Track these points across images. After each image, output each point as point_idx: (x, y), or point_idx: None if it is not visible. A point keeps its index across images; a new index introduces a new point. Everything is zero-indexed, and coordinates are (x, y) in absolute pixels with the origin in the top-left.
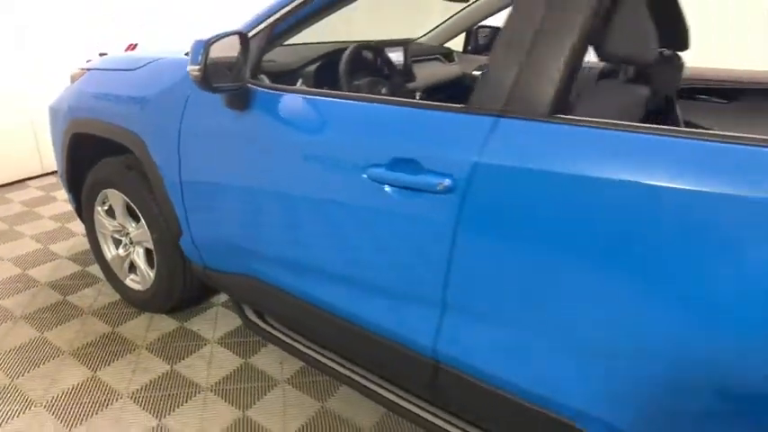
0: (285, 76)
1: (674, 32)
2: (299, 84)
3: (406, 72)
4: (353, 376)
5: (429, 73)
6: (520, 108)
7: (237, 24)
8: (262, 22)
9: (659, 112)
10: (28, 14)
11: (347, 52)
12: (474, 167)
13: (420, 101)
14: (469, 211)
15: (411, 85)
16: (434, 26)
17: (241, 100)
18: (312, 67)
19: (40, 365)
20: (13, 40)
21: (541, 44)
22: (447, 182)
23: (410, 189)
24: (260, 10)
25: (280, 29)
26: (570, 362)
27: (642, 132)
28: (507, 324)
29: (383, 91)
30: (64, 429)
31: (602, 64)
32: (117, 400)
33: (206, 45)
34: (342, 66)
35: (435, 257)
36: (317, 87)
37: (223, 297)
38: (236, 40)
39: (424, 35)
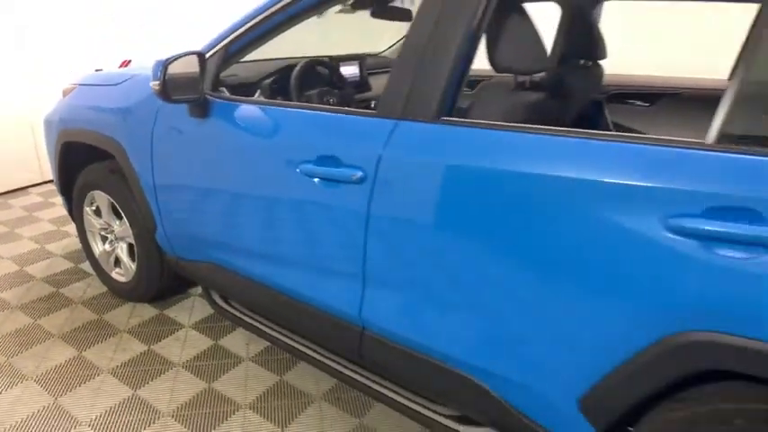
0: (244, 89)
1: (591, 46)
2: (257, 95)
3: (363, 83)
4: (306, 351)
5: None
6: (414, 113)
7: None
8: (217, 44)
9: (589, 116)
10: (28, 15)
11: (297, 67)
12: (379, 161)
13: (341, 107)
14: (377, 198)
15: (366, 95)
16: (396, 41)
17: (201, 109)
18: (268, 81)
19: (33, 347)
20: (13, 42)
21: (429, 61)
22: (359, 174)
23: (332, 180)
24: (216, 34)
25: (234, 49)
26: (463, 323)
27: (508, 130)
28: (414, 292)
29: (332, 101)
30: (51, 398)
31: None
32: (98, 375)
33: (164, 64)
34: (292, 79)
35: (354, 238)
36: (272, 98)
37: (200, 288)
38: (195, 59)
39: (386, 49)
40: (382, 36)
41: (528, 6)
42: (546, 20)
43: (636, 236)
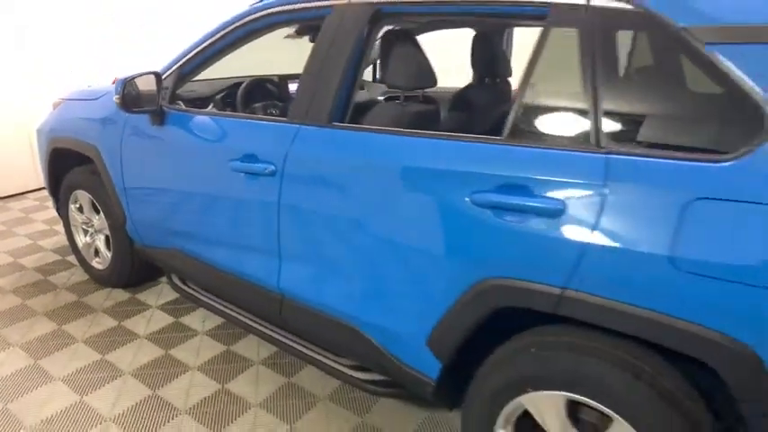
0: (200, 102)
1: (496, 66)
2: (210, 107)
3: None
4: (250, 323)
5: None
6: (312, 119)
7: None
8: (173, 66)
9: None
10: (28, 15)
11: (243, 85)
12: (285, 157)
13: (264, 116)
14: (284, 187)
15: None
16: None
17: (159, 119)
18: (219, 95)
19: (20, 322)
20: (13, 43)
21: (323, 79)
22: (271, 167)
23: (252, 174)
24: (172, 57)
25: (187, 70)
26: (348, 284)
27: (376, 132)
28: (313, 263)
29: (275, 113)
30: (32, 360)
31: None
32: (74, 343)
33: (124, 81)
34: (239, 94)
35: (270, 221)
36: (222, 110)
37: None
38: (152, 77)
39: None
40: None
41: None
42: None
43: (453, 209)
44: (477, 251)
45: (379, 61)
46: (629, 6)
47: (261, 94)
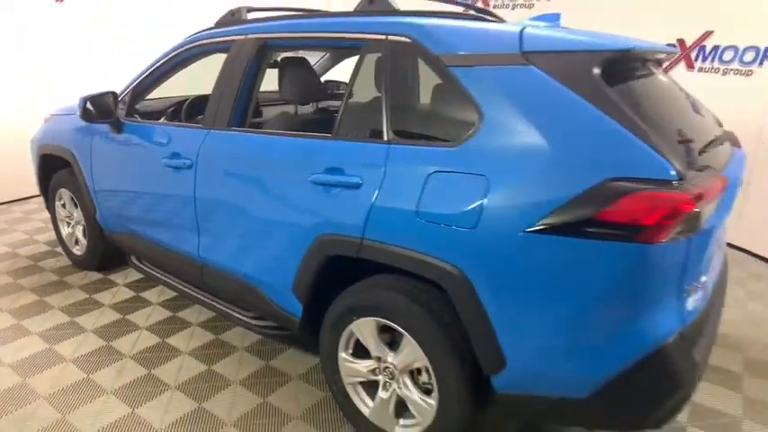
0: (155, 115)
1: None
2: (162, 119)
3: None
4: (188, 291)
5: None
6: (217, 124)
7: None
8: (129, 85)
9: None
10: (28, 15)
11: (188, 101)
12: (198, 154)
13: (187, 123)
14: (198, 176)
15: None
16: None
17: (116, 128)
18: (170, 109)
19: (10, 294)
20: (14, 44)
21: (226, 92)
22: (189, 162)
23: (176, 168)
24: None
25: (140, 89)
26: (240, 248)
27: (244, 132)
28: (218, 234)
29: None
30: (15, 321)
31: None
32: (50, 310)
33: (83, 99)
34: (183, 108)
35: (189, 204)
36: (169, 122)
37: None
38: (110, 95)
39: None
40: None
41: None
42: None
43: (299, 187)
44: (314, 217)
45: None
46: (407, 39)
47: (201, 108)
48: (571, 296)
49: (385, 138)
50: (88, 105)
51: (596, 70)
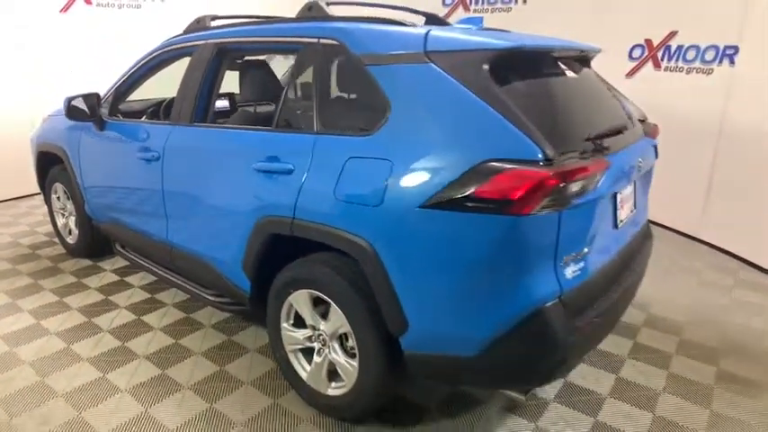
0: (137, 114)
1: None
2: (143, 118)
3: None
4: (163, 274)
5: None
6: (182, 120)
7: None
8: (112, 87)
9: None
10: (28, 15)
11: (165, 101)
12: (164, 147)
13: (159, 121)
14: (164, 167)
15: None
16: None
17: (99, 126)
18: (150, 109)
19: (8, 278)
20: (14, 45)
21: (189, 91)
22: (156, 154)
23: (147, 160)
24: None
25: (122, 89)
26: (199, 230)
27: (207, 128)
28: (180, 218)
29: None
30: (10, 300)
31: None
32: (42, 291)
33: (67, 99)
34: (161, 108)
35: (158, 193)
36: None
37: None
38: (94, 97)
39: None
40: None
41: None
42: None
43: (245, 174)
44: (256, 200)
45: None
46: (335, 42)
47: None
48: (457, 264)
49: (314, 129)
50: (71, 105)
51: (485, 66)
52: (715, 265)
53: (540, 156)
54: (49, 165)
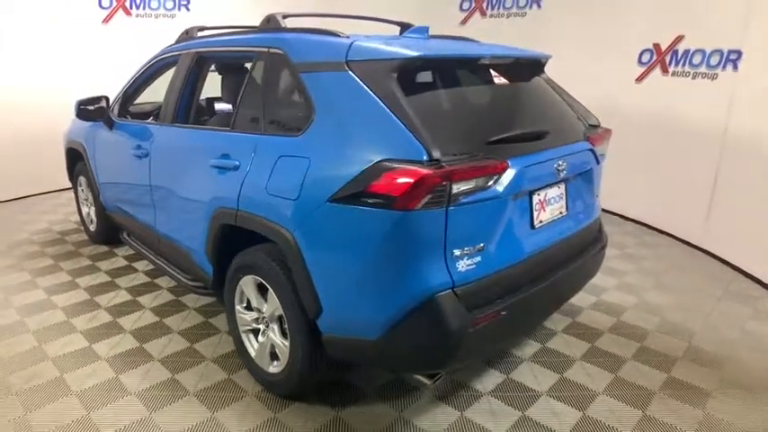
0: (145, 115)
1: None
2: (150, 119)
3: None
4: (155, 259)
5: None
6: (166, 120)
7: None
8: (122, 90)
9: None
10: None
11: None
12: (152, 145)
13: (150, 121)
14: (152, 163)
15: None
16: None
17: (109, 125)
18: (156, 111)
19: (34, 259)
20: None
21: (173, 94)
22: (146, 152)
23: (140, 156)
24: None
25: (129, 91)
26: (174, 219)
27: (186, 127)
28: (162, 209)
29: None
30: (30, 278)
31: None
32: (60, 271)
33: (78, 101)
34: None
35: (147, 185)
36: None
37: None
38: (103, 99)
39: None
40: None
41: None
42: None
43: (204, 170)
44: (212, 193)
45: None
46: (280, 51)
47: None
48: (357, 253)
49: (260, 130)
50: (81, 107)
51: (394, 74)
52: (710, 274)
53: (424, 157)
54: (76, 160)
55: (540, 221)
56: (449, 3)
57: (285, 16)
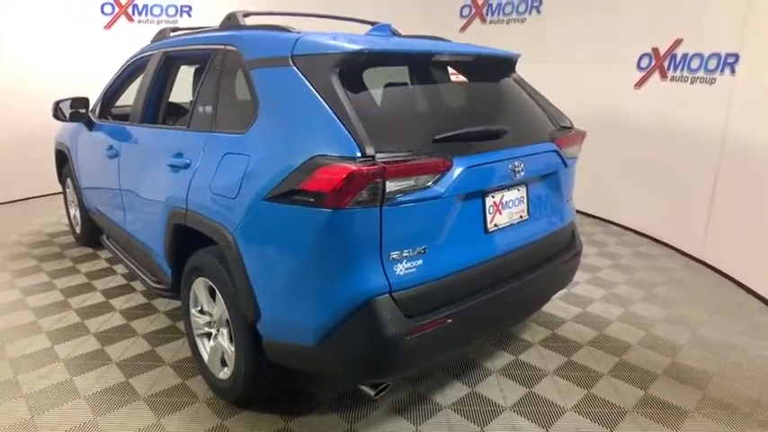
0: (125, 116)
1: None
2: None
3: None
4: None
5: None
6: (136, 120)
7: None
8: (102, 92)
9: None
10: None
11: None
12: (121, 145)
13: (121, 122)
14: (120, 164)
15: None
16: None
17: (89, 126)
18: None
19: (18, 260)
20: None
21: (142, 94)
22: (116, 152)
23: (110, 157)
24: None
25: (108, 93)
26: (136, 219)
27: (149, 127)
28: (128, 209)
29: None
30: (11, 278)
31: None
32: (40, 272)
33: (55, 102)
34: None
35: (117, 185)
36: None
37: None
38: (82, 100)
39: None
40: None
41: None
42: None
43: (162, 169)
44: (167, 192)
45: None
46: (234, 48)
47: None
48: (291, 254)
49: (210, 127)
50: (58, 107)
51: (337, 69)
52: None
53: (357, 153)
54: (64, 161)
55: (495, 225)
56: (449, 9)
57: (246, 14)
